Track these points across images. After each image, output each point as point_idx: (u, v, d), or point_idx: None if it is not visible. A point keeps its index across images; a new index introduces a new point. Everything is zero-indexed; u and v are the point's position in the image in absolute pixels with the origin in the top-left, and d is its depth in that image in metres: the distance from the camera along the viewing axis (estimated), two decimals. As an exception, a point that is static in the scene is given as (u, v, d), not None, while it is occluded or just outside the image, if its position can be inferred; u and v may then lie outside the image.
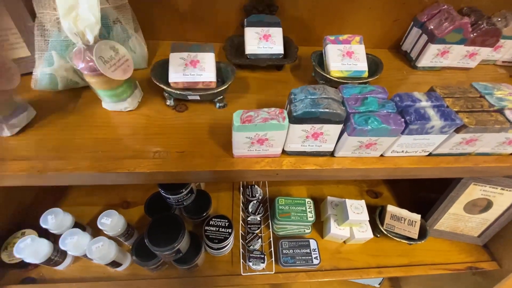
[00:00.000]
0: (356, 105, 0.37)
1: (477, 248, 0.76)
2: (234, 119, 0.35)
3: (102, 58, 0.36)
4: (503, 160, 0.44)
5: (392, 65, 0.62)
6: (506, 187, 0.64)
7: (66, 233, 0.55)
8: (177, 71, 0.43)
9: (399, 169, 0.42)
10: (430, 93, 0.40)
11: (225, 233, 0.63)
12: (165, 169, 0.38)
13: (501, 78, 0.63)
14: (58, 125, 0.43)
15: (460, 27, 0.53)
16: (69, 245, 0.54)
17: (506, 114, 0.39)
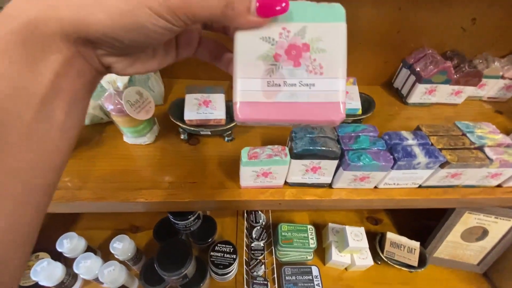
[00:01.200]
0: (350, 143, 0.42)
1: (477, 276, 0.77)
2: (242, 155, 0.39)
3: (129, 102, 0.41)
4: (489, 192, 0.48)
5: (385, 100, 0.68)
6: (500, 216, 0.67)
7: (80, 257, 0.58)
8: (191, 110, 0.49)
9: (392, 200, 0.46)
10: (416, 132, 0.45)
11: (229, 259, 0.66)
12: (178, 199, 0.42)
13: (487, 113, 0.68)
14: (84, 157, 0.48)
15: (444, 70, 0.59)
16: (82, 269, 0.57)
17: (486, 152, 0.43)
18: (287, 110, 0.18)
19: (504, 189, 0.48)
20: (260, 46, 0.17)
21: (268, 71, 0.18)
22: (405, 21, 0.59)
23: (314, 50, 0.18)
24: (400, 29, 0.61)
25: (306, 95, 0.18)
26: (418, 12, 0.58)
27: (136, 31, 0.15)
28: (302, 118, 0.18)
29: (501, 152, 0.43)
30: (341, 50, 0.18)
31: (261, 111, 0.18)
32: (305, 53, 0.17)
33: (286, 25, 0.17)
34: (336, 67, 0.18)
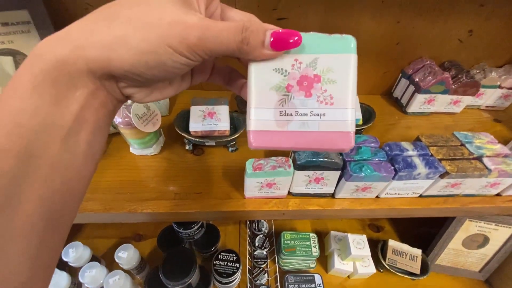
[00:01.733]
0: (352, 154, 0.43)
1: (479, 283, 0.77)
2: (247, 166, 0.41)
3: (137, 115, 0.43)
4: (488, 201, 0.49)
5: (385, 110, 0.69)
6: (500, 223, 0.67)
7: (85, 266, 0.59)
8: (196, 122, 0.50)
9: (394, 209, 0.47)
10: (416, 143, 0.46)
11: (233, 268, 0.66)
12: (184, 209, 0.43)
13: (485, 122, 0.69)
14: (91, 168, 0.49)
15: (442, 80, 0.60)
16: (87, 278, 0.58)
17: (484, 162, 0.44)
18: (298, 138, 0.19)
19: (504, 198, 0.49)
20: (273, 77, 0.18)
21: (280, 101, 0.19)
22: (404, 33, 0.61)
23: (325, 81, 0.18)
24: (399, 41, 0.62)
25: (317, 124, 0.18)
26: (417, 25, 0.59)
27: (157, 68, 0.16)
28: (313, 146, 0.19)
29: (499, 162, 0.44)
30: (351, 81, 0.19)
31: (273, 140, 0.19)
32: (317, 84, 0.18)
33: (298, 56, 0.18)
34: (346, 97, 0.18)
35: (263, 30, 0.17)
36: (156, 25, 0.15)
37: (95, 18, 0.16)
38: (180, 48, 0.16)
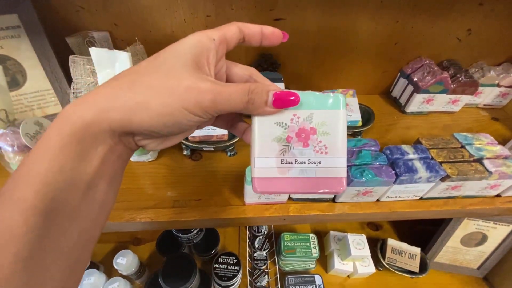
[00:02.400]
0: (352, 158, 0.43)
1: (477, 280, 0.78)
2: (247, 174, 0.40)
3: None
4: (488, 202, 0.49)
5: (384, 110, 0.69)
6: (498, 221, 0.68)
7: (84, 274, 0.58)
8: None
9: (394, 212, 0.46)
10: (416, 146, 0.46)
11: (233, 271, 0.66)
12: (184, 218, 0.42)
13: (483, 120, 0.69)
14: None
15: (441, 80, 0.60)
16: (86, 286, 0.57)
17: (485, 164, 0.44)
18: (297, 184, 0.21)
19: (503, 199, 0.49)
20: (275, 130, 0.20)
21: (281, 151, 0.21)
22: (403, 32, 0.60)
23: (320, 133, 0.21)
24: (397, 41, 0.61)
25: (314, 171, 0.21)
26: (415, 24, 0.59)
27: (173, 126, 0.18)
28: (311, 190, 0.21)
29: (499, 164, 0.44)
30: (342, 133, 0.21)
31: (275, 185, 0.21)
32: (313, 135, 0.21)
33: (296, 112, 0.20)
34: (338, 147, 0.21)
35: (266, 91, 0.19)
36: (174, 91, 0.17)
37: (119, 85, 0.17)
38: (195, 111, 0.18)
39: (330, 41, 0.61)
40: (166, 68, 0.17)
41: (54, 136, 0.16)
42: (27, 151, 0.39)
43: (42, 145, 0.16)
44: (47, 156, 0.15)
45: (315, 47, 0.62)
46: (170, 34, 0.56)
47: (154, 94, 0.17)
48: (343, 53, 0.63)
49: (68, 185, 0.16)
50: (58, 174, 0.15)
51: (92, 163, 0.17)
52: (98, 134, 0.16)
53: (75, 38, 0.53)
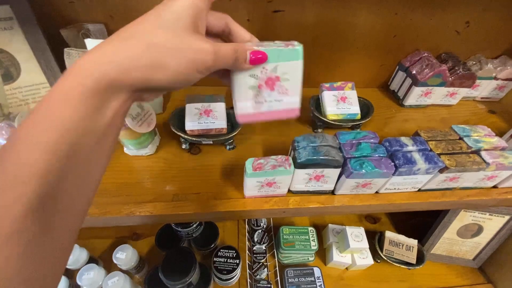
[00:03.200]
0: (352, 151, 0.43)
1: (473, 271, 0.79)
2: (247, 166, 0.40)
3: (131, 115, 0.41)
4: (485, 193, 0.49)
5: (382, 103, 0.69)
6: (494, 213, 0.69)
7: (83, 269, 0.58)
8: (192, 120, 0.49)
9: (393, 204, 0.47)
10: (415, 138, 0.46)
11: (233, 264, 0.66)
12: (183, 211, 0.42)
13: (481, 113, 0.69)
14: (85, 170, 0.47)
15: (439, 73, 0.60)
16: (86, 281, 0.57)
17: (482, 155, 0.44)
18: (267, 114, 0.29)
19: (500, 190, 0.50)
20: (249, 80, 0.26)
21: (254, 95, 0.27)
22: (401, 25, 0.60)
23: (283, 79, 0.27)
24: (396, 33, 0.61)
25: (278, 105, 0.28)
26: (414, 17, 0.58)
27: (182, 83, 0.21)
28: (277, 117, 0.29)
29: (497, 155, 0.44)
30: (299, 78, 0.28)
31: (252, 117, 0.29)
32: (277, 82, 0.27)
33: (265, 65, 0.26)
34: (295, 89, 0.28)
35: (246, 51, 0.24)
36: (185, 53, 0.20)
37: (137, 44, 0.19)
38: (202, 70, 0.21)
39: (328, 34, 0.60)
40: (171, 29, 0.20)
41: (76, 86, 0.17)
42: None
43: (62, 95, 0.17)
44: (69, 105, 0.17)
45: (314, 39, 0.61)
46: (167, 26, 0.56)
47: (170, 56, 0.19)
48: (342, 46, 0.63)
49: (87, 133, 0.17)
50: (78, 122, 0.17)
51: (107, 115, 0.18)
52: (117, 89, 0.18)
53: (70, 30, 0.52)
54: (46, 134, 0.16)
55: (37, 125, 0.16)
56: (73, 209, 0.18)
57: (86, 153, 0.18)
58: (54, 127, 0.16)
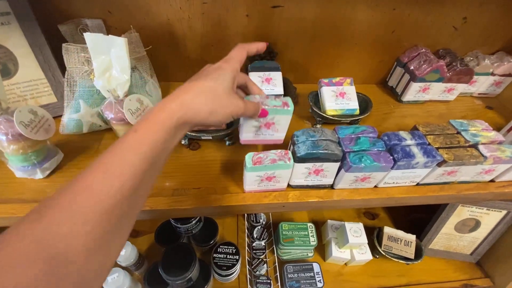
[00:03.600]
0: (351, 145, 0.43)
1: (470, 265, 0.80)
2: (247, 161, 0.40)
3: (130, 110, 0.41)
4: (482, 187, 0.50)
5: (381, 99, 0.69)
6: (491, 207, 0.69)
7: (83, 265, 0.58)
8: (192, 116, 0.49)
9: (392, 198, 0.47)
10: (413, 132, 0.46)
11: (232, 260, 0.66)
12: (183, 206, 0.42)
13: (478, 109, 0.70)
14: (84, 166, 0.46)
15: (437, 69, 0.60)
16: (85, 277, 0.57)
17: (480, 149, 0.45)
18: (261, 141, 0.41)
19: (497, 184, 0.50)
20: (255, 123, 0.38)
21: (256, 130, 0.39)
22: (399, 21, 0.60)
23: (276, 124, 0.39)
24: (394, 29, 0.62)
25: (270, 137, 0.41)
26: (412, 12, 0.59)
27: (221, 123, 0.31)
28: (267, 143, 0.42)
29: (494, 149, 0.45)
30: (287, 124, 0.40)
31: (251, 141, 0.41)
32: (272, 125, 0.39)
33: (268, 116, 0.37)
34: (283, 129, 0.40)
35: (260, 108, 0.35)
36: (227, 106, 0.30)
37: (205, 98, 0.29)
38: (235, 116, 0.32)
39: (327, 30, 0.60)
40: (221, 89, 0.30)
41: (166, 120, 0.26)
42: (21, 140, 0.39)
43: (157, 122, 0.26)
44: (160, 131, 0.26)
45: (313, 35, 0.61)
46: (165, 21, 0.55)
47: (220, 108, 0.30)
48: (340, 42, 0.63)
49: (164, 150, 0.27)
50: (163, 143, 0.26)
51: (176, 140, 0.28)
52: (187, 125, 0.28)
53: (68, 26, 0.51)
54: (143, 146, 0.25)
55: (140, 138, 0.25)
56: (144, 197, 0.27)
57: (160, 162, 0.27)
58: (148, 143, 0.25)
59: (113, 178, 0.22)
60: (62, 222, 0.20)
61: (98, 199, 0.21)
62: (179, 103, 0.27)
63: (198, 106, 0.28)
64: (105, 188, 0.22)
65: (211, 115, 0.29)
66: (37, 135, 0.39)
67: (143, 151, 0.24)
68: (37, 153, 0.42)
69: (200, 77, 0.30)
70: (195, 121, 0.28)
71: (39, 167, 0.43)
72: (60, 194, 0.21)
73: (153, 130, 0.25)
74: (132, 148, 0.24)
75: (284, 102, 0.37)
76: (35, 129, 0.39)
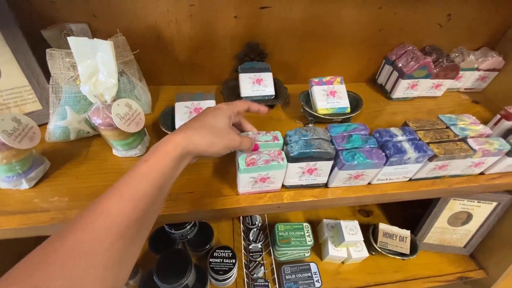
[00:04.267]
0: (343, 143, 0.43)
1: (464, 258, 0.81)
2: (239, 162, 0.39)
3: (118, 115, 0.40)
4: (473, 180, 0.51)
5: (371, 97, 0.70)
6: (482, 200, 0.71)
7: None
8: (182, 119, 0.48)
9: (385, 194, 0.47)
10: (404, 128, 0.47)
11: (229, 264, 0.66)
12: (177, 211, 0.41)
13: (465, 104, 0.71)
14: (72, 174, 0.46)
15: (424, 65, 0.61)
16: None
17: (469, 143, 0.46)
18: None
19: (487, 176, 0.51)
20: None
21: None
22: (386, 19, 0.61)
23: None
24: (381, 28, 0.62)
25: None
26: (398, 11, 0.60)
27: (219, 154, 0.35)
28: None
29: (482, 142, 0.45)
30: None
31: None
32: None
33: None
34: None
35: (253, 143, 0.39)
36: (226, 140, 0.34)
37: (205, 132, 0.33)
38: (231, 148, 0.36)
39: (316, 29, 0.61)
40: (218, 125, 0.35)
41: (172, 151, 0.30)
42: (5, 149, 0.37)
43: (165, 153, 0.30)
44: (167, 161, 0.29)
45: (302, 35, 0.61)
46: (153, 24, 0.55)
47: (218, 141, 0.34)
48: (330, 41, 0.64)
49: (170, 177, 0.30)
50: (169, 171, 0.29)
51: (181, 168, 0.32)
52: (190, 155, 0.32)
53: (52, 31, 0.50)
54: (153, 174, 0.28)
55: (151, 166, 0.28)
56: (153, 219, 0.30)
57: (167, 187, 0.30)
58: (158, 171, 0.28)
59: (127, 202, 0.26)
60: (84, 242, 0.23)
61: (115, 221, 0.25)
62: (182, 136, 0.31)
63: (198, 139, 0.32)
64: (121, 212, 0.25)
65: (210, 147, 0.33)
66: (21, 143, 0.38)
67: (153, 177, 0.28)
68: (22, 162, 0.41)
69: (200, 116, 0.36)
70: (196, 151, 0.32)
71: (25, 177, 0.41)
72: (81, 218, 0.24)
73: (161, 159, 0.29)
74: (144, 176, 0.28)
75: (274, 136, 0.41)
76: (19, 137, 0.38)
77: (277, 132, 0.42)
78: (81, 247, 0.22)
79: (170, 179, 0.30)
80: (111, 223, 0.24)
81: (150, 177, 0.28)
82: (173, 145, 0.30)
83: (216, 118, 0.35)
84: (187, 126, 0.33)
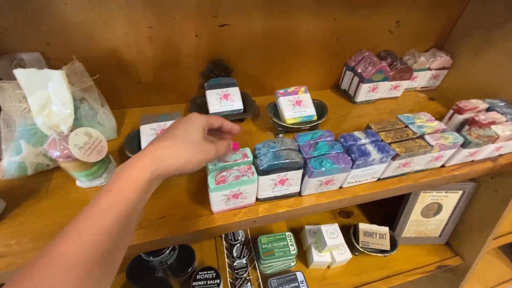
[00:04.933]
0: (310, 151, 0.44)
1: (441, 247, 0.85)
2: (209, 181, 0.39)
3: (77, 145, 0.38)
4: (435, 173, 0.54)
5: (336, 102, 0.73)
6: (449, 190, 0.75)
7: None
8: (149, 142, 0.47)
9: (357, 196, 0.49)
10: (367, 131, 0.49)
11: (213, 285, 0.63)
12: (150, 238, 0.40)
13: (422, 101, 0.76)
14: (32, 212, 0.43)
15: (381, 69, 0.65)
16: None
17: (426, 139, 0.48)
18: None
19: (447, 168, 0.55)
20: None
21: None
22: (341, 29, 0.64)
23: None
24: (338, 37, 0.66)
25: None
26: (351, 20, 0.63)
27: (194, 170, 0.32)
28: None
29: (438, 137, 0.48)
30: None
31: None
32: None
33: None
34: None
35: (230, 144, 0.39)
36: (199, 154, 0.32)
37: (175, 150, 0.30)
38: (208, 160, 0.34)
39: (277, 42, 0.63)
40: (191, 139, 0.32)
41: (140, 177, 0.27)
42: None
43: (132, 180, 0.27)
44: (136, 188, 0.26)
45: (265, 48, 0.63)
46: (111, 48, 0.54)
47: (192, 157, 0.31)
48: (291, 52, 0.66)
49: (140, 203, 0.27)
50: (138, 198, 0.27)
51: (151, 192, 0.29)
52: (162, 178, 0.29)
53: (1, 62, 0.48)
54: (118, 206, 0.25)
55: (115, 198, 0.25)
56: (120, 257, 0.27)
57: (134, 219, 0.28)
58: (124, 202, 0.26)
59: (88, 241, 0.23)
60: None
61: (75, 264, 0.22)
62: (151, 159, 0.28)
63: (169, 159, 0.29)
64: (80, 253, 0.22)
65: (184, 165, 0.30)
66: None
67: (118, 210, 0.25)
68: (-28, 206, 0.37)
69: (170, 130, 0.32)
70: (167, 173, 0.29)
71: (-24, 221, 0.38)
72: (35, 262, 0.22)
73: (126, 188, 0.26)
74: (106, 209, 0.25)
75: (244, 153, 0.41)
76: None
77: (246, 149, 0.42)
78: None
79: (138, 206, 0.27)
80: (71, 267, 0.22)
81: (115, 210, 0.25)
82: (141, 170, 0.27)
83: (188, 131, 0.32)
84: (156, 145, 0.29)
